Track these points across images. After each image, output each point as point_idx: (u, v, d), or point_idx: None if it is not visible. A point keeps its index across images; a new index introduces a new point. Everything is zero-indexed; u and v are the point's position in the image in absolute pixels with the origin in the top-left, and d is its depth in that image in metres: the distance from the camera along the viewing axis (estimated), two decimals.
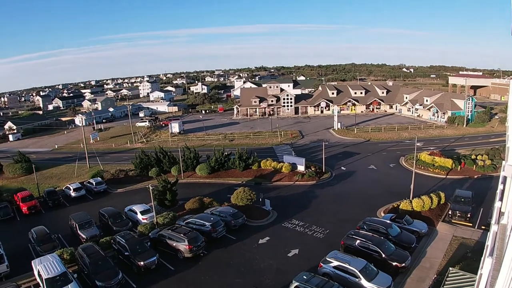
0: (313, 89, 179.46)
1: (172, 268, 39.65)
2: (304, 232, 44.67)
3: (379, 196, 55.08)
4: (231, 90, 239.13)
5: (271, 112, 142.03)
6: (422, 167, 66.88)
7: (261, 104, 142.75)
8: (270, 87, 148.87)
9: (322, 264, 34.48)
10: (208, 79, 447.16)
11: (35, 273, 38.74)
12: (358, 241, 37.44)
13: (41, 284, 36.55)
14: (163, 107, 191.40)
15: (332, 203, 53.46)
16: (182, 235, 41.46)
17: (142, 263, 38.65)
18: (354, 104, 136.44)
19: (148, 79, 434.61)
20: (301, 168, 66.51)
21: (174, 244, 41.68)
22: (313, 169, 66.42)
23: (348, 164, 72.58)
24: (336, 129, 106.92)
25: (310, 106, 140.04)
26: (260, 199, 52.84)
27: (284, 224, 47.61)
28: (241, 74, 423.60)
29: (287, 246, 41.51)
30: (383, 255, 35.39)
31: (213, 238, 43.79)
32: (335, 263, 33.65)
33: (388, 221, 42.79)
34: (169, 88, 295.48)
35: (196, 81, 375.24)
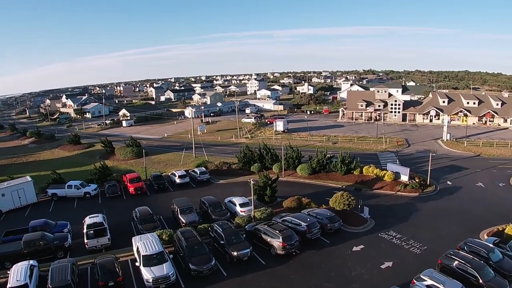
0: (422, 96, 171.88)
1: (264, 263, 40.78)
2: (401, 245, 43.51)
3: (483, 217, 51.70)
4: (338, 92, 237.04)
5: (378, 117, 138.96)
6: None
7: (367, 108, 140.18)
8: (378, 91, 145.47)
9: (415, 281, 33.42)
10: (314, 80, 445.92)
11: (134, 249, 41.87)
12: (456, 262, 35.57)
13: (138, 260, 39.38)
14: (269, 105, 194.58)
15: (433, 219, 51.35)
16: (277, 231, 42.36)
17: (235, 253, 40.14)
18: (465, 115, 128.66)
19: (256, 77, 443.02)
20: (404, 178, 64.51)
21: (268, 240, 42.77)
22: (417, 180, 64.06)
23: (454, 179, 69.25)
24: (445, 140, 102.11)
25: (419, 114, 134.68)
26: (359, 206, 52.35)
27: (380, 234, 46.71)
28: (348, 77, 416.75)
29: (381, 257, 40.79)
30: (481, 281, 33.36)
31: (307, 239, 44.24)
32: (429, 282, 32.49)
33: (491, 245, 39.78)
34: (276, 87, 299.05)
35: (303, 81, 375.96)
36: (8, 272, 38.13)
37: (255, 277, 38.06)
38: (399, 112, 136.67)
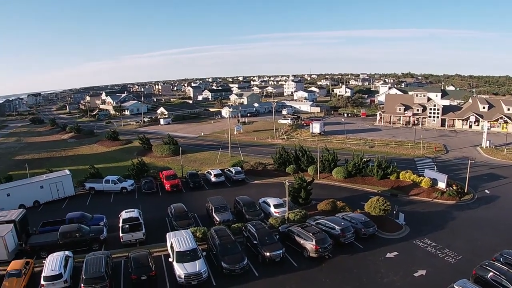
0: (462, 101, 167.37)
1: (296, 265, 40.83)
2: (435, 254, 42.53)
3: None
4: (375, 95, 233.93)
5: (416, 121, 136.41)
6: None
7: (405, 112, 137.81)
8: (417, 95, 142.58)
9: None
10: (352, 82, 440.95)
11: (168, 244, 42.56)
12: (491, 273, 34.34)
13: (171, 255, 40.00)
14: (305, 107, 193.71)
15: (470, 228, 49.89)
16: (311, 234, 42.26)
17: (268, 254, 40.29)
18: (506, 122, 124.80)
19: (293, 78, 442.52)
20: (441, 185, 63.17)
21: (301, 242, 42.74)
22: (454, 188, 62.49)
23: (493, 188, 67.19)
24: (484, 147, 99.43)
25: (458, 119, 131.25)
26: (395, 212, 51.55)
27: (415, 241, 45.78)
28: (386, 80, 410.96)
29: (415, 265, 39.98)
30: None
31: (340, 243, 43.98)
32: None
33: None
34: (313, 88, 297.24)
35: (340, 84, 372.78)
36: (44, 261, 39.43)
37: (286, 278, 38.09)
38: (437, 117, 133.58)
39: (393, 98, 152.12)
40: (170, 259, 39.60)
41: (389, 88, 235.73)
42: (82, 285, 34.96)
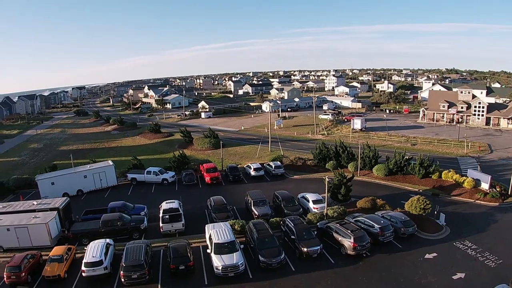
0: (508, 99, 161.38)
1: (332, 262, 40.69)
2: (475, 257, 41.21)
3: None
4: (419, 91, 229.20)
5: (460, 119, 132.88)
6: None
7: (449, 109, 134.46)
8: (461, 92, 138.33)
9: None
10: (395, 77, 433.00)
11: (207, 236, 43.28)
12: None
13: (209, 247, 40.61)
14: (347, 102, 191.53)
15: None
16: (349, 231, 41.98)
17: (306, 249, 40.32)
18: None
19: (334, 73, 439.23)
20: (485, 186, 61.20)
21: (339, 239, 42.53)
22: (498, 189, 60.35)
23: None
24: None
25: (503, 118, 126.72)
26: (436, 212, 50.44)
27: (455, 243, 44.55)
28: (430, 75, 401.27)
29: (454, 267, 38.98)
30: None
31: (379, 242, 43.43)
32: None
33: None
34: (355, 84, 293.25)
35: (383, 79, 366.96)
36: (85, 248, 40.82)
37: (323, 275, 38.04)
38: (482, 115, 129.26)
39: (436, 95, 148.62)
40: (208, 251, 40.19)
41: (433, 84, 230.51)
42: (122, 272, 36.15)
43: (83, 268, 37.44)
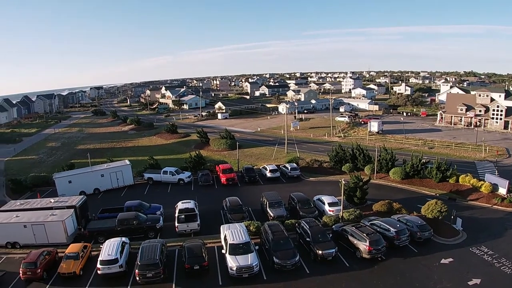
0: None
1: (347, 265, 40.56)
2: (491, 263, 40.64)
3: None
4: (436, 94, 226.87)
5: (478, 123, 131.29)
6: None
7: (467, 113, 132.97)
8: (480, 95, 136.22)
9: None
10: (412, 80, 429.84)
11: (222, 236, 43.48)
12: None
13: (224, 247, 40.81)
14: (363, 105, 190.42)
15: None
16: (364, 234, 41.79)
17: (320, 252, 40.27)
18: None
19: (351, 75, 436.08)
20: (502, 191, 60.36)
21: (354, 242, 42.38)
22: None
23: None
24: None
25: None
26: (452, 216, 50.03)
27: (471, 248, 43.98)
28: (448, 78, 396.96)
29: (470, 273, 38.46)
30: None
31: (394, 245, 43.21)
32: None
33: None
34: (372, 86, 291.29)
35: (400, 81, 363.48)
36: (101, 246, 41.28)
37: (337, 278, 37.94)
38: (500, 118, 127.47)
39: (454, 98, 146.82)
40: (223, 251, 40.42)
41: (451, 87, 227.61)
42: (137, 270, 36.55)
43: (98, 265, 37.96)
